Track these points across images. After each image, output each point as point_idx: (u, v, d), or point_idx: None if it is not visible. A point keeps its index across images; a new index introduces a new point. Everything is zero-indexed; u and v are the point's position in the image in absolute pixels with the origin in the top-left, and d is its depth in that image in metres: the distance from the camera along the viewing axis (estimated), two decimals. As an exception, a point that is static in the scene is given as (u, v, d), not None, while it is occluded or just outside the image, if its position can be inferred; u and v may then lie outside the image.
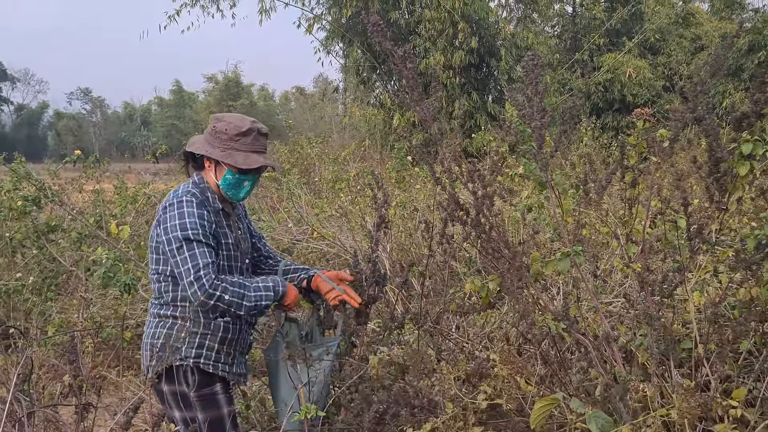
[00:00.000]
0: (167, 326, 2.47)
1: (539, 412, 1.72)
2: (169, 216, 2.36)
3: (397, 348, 2.66)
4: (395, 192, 6.82)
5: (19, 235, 5.00)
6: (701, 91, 2.30)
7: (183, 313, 2.46)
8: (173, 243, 2.33)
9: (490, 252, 2.41)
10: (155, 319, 2.51)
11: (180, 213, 2.35)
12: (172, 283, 2.45)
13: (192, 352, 2.44)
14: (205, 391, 2.44)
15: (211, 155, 2.47)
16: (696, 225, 2.30)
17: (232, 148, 2.47)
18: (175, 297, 2.46)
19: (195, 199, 2.41)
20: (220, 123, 2.50)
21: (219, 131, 2.49)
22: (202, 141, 2.55)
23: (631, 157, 2.41)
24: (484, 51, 14.59)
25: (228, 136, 2.47)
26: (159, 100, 59.19)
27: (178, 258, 2.31)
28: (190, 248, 2.31)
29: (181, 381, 2.42)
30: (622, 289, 3.35)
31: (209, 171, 2.53)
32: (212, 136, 2.50)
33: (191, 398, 2.41)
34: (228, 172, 2.49)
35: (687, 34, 20.23)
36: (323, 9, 15.81)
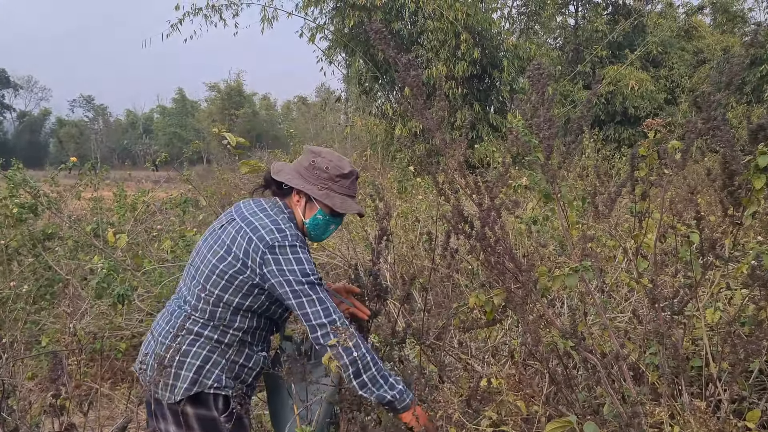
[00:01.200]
0: (207, 348, 2.29)
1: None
2: (284, 260, 2.18)
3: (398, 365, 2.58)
4: (397, 202, 6.75)
5: (14, 243, 4.93)
6: (715, 101, 2.23)
7: (231, 340, 2.30)
8: (296, 286, 2.16)
9: (494, 265, 2.33)
10: (191, 336, 2.29)
11: (297, 259, 2.18)
12: (232, 312, 2.28)
13: (231, 383, 2.30)
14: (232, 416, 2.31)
15: (309, 192, 2.33)
16: (708, 240, 2.23)
17: (329, 189, 2.34)
18: (230, 325, 2.29)
19: (304, 244, 2.27)
20: (320, 159, 2.36)
21: (318, 167, 2.34)
22: (294, 173, 2.38)
23: (641, 169, 2.34)
24: (487, 62, 14.60)
25: (328, 175, 2.34)
26: (161, 109, 59.31)
27: (304, 299, 2.15)
28: (317, 291, 2.17)
29: (210, 407, 2.27)
30: (628, 304, 3.27)
31: (297, 206, 2.38)
32: (309, 171, 2.35)
33: (220, 423, 2.27)
34: (319, 212, 2.36)
35: (689, 47, 20.27)
36: (326, 19, 15.84)
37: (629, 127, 17.96)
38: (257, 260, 2.19)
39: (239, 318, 2.29)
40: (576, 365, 2.43)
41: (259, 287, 2.25)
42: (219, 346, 2.29)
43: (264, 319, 2.37)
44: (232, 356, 2.31)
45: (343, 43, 15.61)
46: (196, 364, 2.25)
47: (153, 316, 4.37)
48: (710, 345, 2.25)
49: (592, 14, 20.47)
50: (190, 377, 2.24)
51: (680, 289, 2.34)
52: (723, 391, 2.22)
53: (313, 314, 2.14)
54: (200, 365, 2.25)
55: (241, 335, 2.31)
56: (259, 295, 2.27)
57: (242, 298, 2.26)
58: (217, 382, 2.27)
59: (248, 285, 2.24)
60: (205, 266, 2.30)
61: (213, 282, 2.26)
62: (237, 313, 2.28)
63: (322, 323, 2.14)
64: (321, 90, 40.22)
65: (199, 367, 2.25)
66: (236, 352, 2.32)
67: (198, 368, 2.25)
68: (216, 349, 2.29)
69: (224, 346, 2.30)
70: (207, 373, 2.26)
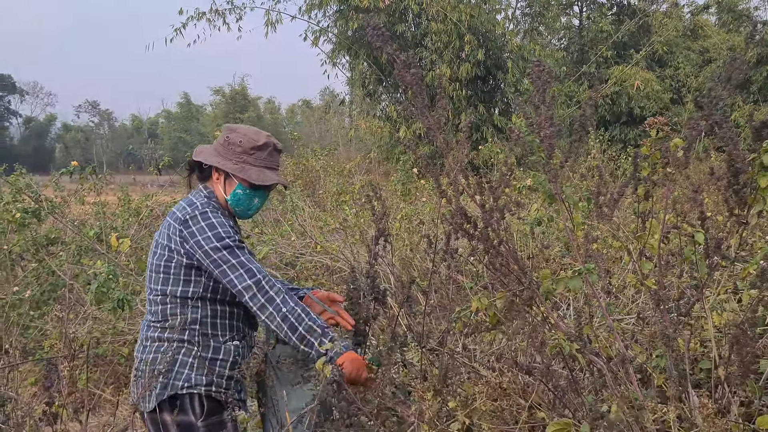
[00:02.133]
0: (171, 350, 2.28)
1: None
2: (197, 229, 2.20)
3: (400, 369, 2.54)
4: (401, 205, 6.73)
5: (17, 248, 4.92)
6: (717, 98, 2.19)
7: (191, 336, 2.28)
8: (214, 254, 2.17)
9: (497, 267, 2.30)
10: (155, 343, 2.31)
11: (209, 224, 2.20)
12: (180, 304, 2.28)
13: (202, 379, 2.27)
14: (213, 420, 2.26)
15: (224, 167, 2.33)
16: (714, 240, 2.19)
17: (245, 162, 2.35)
18: (183, 320, 2.27)
19: (219, 210, 2.30)
20: (234, 134, 2.37)
21: (232, 143, 2.35)
22: (211, 151, 2.39)
23: (644, 169, 2.30)
24: (491, 63, 14.57)
25: (242, 149, 2.34)
26: (166, 113, 59.48)
27: (225, 266, 2.15)
28: (236, 255, 2.17)
29: (187, 410, 2.24)
30: (634, 306, 3.23)
31: (218, 184, 2.39)
32: (224, 147, 2.36)
33: (199, 428, 2.24)
34: (239, 187, 2.36)
35: (695, 46, 20.21)
36: (329, 22, 15.84)
37: (635, 128, 17.89)
38: (178, 240, 2.23)
39: (190, 310, 2.28)
40: (582, 368, 2.40)
41: (193, 268, 2.26)
42: (183, 346, 2.29)
43: (218, 306, 2.34)
44: (198, 353, 2.29)
45: (346, 46, 15.61)
46: (162, 369, 2.24)
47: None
48: (718, 347, 2.22)
49: (596, 15, 20.42)
50: (160, 382, 2.23)
51: (686, 291, 2.31)
52: (732, 393, 2.18)
53: (237, 279, 2.15)
54: (166, 369, 2.25)
55: (200, 328, 2.30)
56: (198, 277, 2.27)
57: (184, 285, 2.27)
58: (187, 382, 2.26)
59: (183, 269, 2.26)
60: (148, 270, 2.36)
61: (154, 280, 2.31)
62: (186, 305, 2.28)
63: (247, 286, 2.14)
64: (325, 93, 40.28)
65: (167, 371, 2.25)
66: (202, 347, 2.30)
67: (166, 372, 2.25)
68: (180, 349, 2.29)
69: (188, 344, 2.29)
70: (176, 374, 2.26)
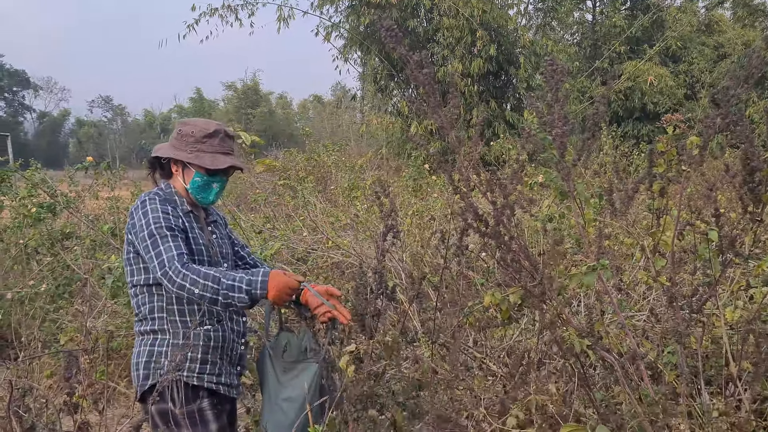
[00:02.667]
0: (149, 343, 2.40)
1: (565, 437, 1.62)
2: (137, 218, 2.32)
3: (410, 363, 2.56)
4: (412, 201, 6.73)
5: (33, 242, 4.98)
6: (733, 96, 2.18)
7: (161, 325, 2.38)
8: (143, 242, 2.27)
9: (509, 264, 2.31)
10: (138, 337, 2.44)
11: (144, 212, 2.31)
12: (147, 293, 2.39)
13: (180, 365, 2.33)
14: (192, 407, 2.34)
15: (179, 157, 2.44)
16: (728, 237, 2.18)
17: (199, 150, 2.45)
18: (151, 309, 2.39)
19: (158, 197, 2.38)
20: (186, 126, 2.49)
21: (185, 134, 2.47)
22: (167, 147, 2.52)
23: (659, 166, 2.30)
24: (503, 59, 14.51)
25: (195, 138, 2.45)
26: (179, 108, 59.68)
27: (150, 254, 2.24)
28: (155, 243, 2.24)
29: (166, 398, 2.30)
30: (646, 303, 3.22)
31: (177, 176, 2.50)
32: (178, 140, 2.48)
33: (178, 416, 2.29)
34: (196, 174, 2.46)
35: (709, 41, 20.01)
36: (341, 17, 15.83)
37: (648, 123, 17.76)
38: (127, 230, 2.39)
39: (156, 298, 2.39)
40: (592, 364, 2.40)
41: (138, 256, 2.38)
42: (157, 337, 2.40)
43: None
44: (171, 341, 2.38)
45: (358, 41, 15.60)
46: (143, 362, 2.39)
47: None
48: (730, 344, 2.21)
49: (610, 9, 20.26)
50: (142, 374, 2.37)
51: (699, 288, 2.30)
52: (744, 390, 2.18)
53: (153, 269, 2.24)
54: (147, 360, 2.38)
55: (168, 316, 2.39)
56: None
57: (145, 272, 2.39)
58: (162, 370, 2.34)
59: (138, 257, 2.38)
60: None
61: (125, 273, 2.45)
62: (151, 293, 2.39)
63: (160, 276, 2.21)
64: (336, 88, 40.26)
65: (146, 363, 2.38)
66: (173, 335, 2.39)
67: (146, 364, 2.38)
68: (155, 341, 2.40)
69: (160, 335, 2.40)
70: (155, 365, 2.36)
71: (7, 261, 5.16)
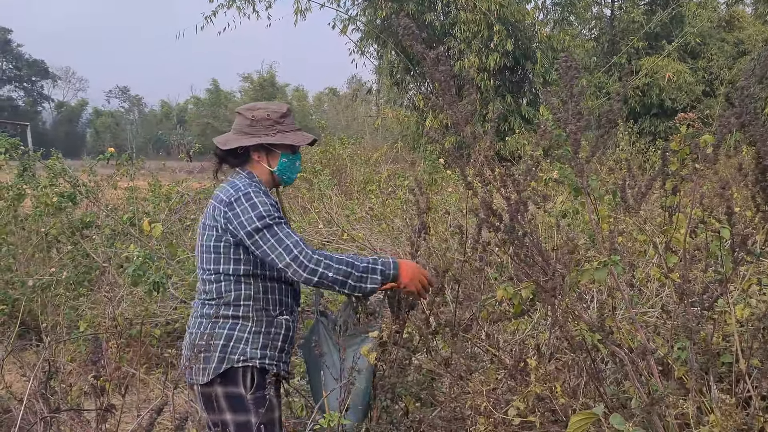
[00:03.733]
0: (227, 326, 2.38)
1: (577, 425, 1.66)
2: (240, 210, 2.29)
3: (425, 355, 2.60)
4: (427, 195, 6.75)
5: (54, 231, 5.07)
6: (748, 96, 2.20)
7: (246, 312, 2.39)
8: (255, 234, 2.26)
9: (522, 259, 2.34)
10: (212, 320, 2.41)
11: (252, 204, 2.29)
12: (234, 281, 2.39)
13: (257, 353, 2.38)
14: (260, 394, 2.36)
15: (265, 142, 2.43)
16: (740, 235, 2.21)
17: (280, 132, 2.45)
18: (237, 296, 2.39)
19: (259, 188, 2.39)
20: (257, 111, 2.46)
21: (260, 119, 2.44)
22: (240, 136, 2.47)
23: (672, 164, 2.32)
24: (520, 54, 14.47)
25: (272, 120, 2.45)
26: (195, 99, 59.97)
27: (265, 247, 2.25)
28: (274, 232, 2.26)
29: (238, 382, 2.35)
30: (658, 299, 3.25)
31: (260, 162, 2.48)
32: (252, 126, 2.44)
33: (247, 401, 2.34)
34: (283, 156, 2.48)
35: (729, 38, 19.77)
36: (358, 10, 15.85)
37: (665, 120, 17.63)
38: (223, 221, 2.33)
39: (243, 287, 2.39)
40: (604, 359, 2.43)
41: (240, 246, 2.36)
42: (238, 322, 2.40)
43: (268, 283, 2.44)
44: (253, 328, 2.40)
45: (375, 35, 15.62)
46: (220, 344, 2.36)
47: (187, 304, 4.47)
48: (740, 341, 2.23)
49: (628, 4, 20.09)
50: (217, 356, 2.35)
51: (710, 285, 2.32)
52: (753, 387, 2.20)
53: (277, 258, 2.24)
54: (224, 344, 2.37)
55: (254, 304, 2.40)
56: (246, 255, 2.37)
57: (234, 263, 2.38)
58: (243, 355, 2.36)
59: (231, 248, 2.36)
60: (199, 252, 2.46)
61: (206, 260, 2.41)
62: (239, 282, 2.39)
63: (287, 263, 2.23)
64: (352, 81, 40.27)
65: (224, 346, 2.36)
66: (256, 322, 2.41)
67: (223, 347, 2.36)
68: (236, 325, 2.39)
69: (242, 321, 2.40)
70: (232, 349, 2.36)
71: (28, 249, 5.26)
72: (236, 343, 2.37)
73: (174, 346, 4.13)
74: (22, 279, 4.89)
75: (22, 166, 5.37)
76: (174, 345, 4.17)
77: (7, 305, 4.66)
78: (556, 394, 1.94)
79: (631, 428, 1.60)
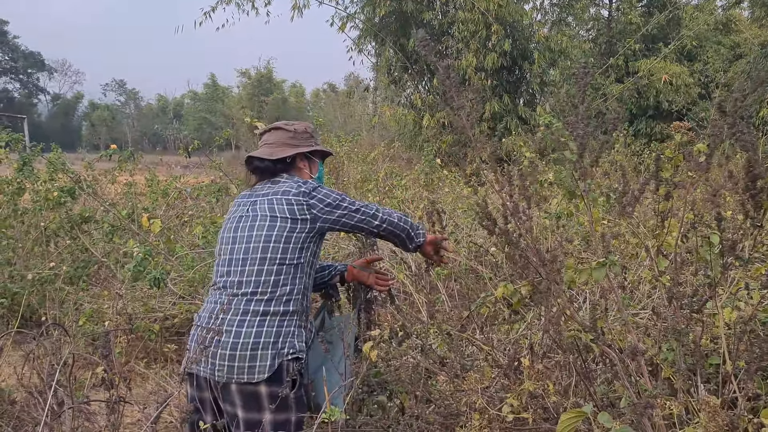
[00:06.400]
0: (275, 324, 2.40)
1: (566, 423, 1.71)
2: (323, 195, 2.57)
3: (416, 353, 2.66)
4: (423, 194, 6.82)
5: (53, 225, 5.11)
6: (742, 107, 2.26)
7: (295, 306, 2.44)
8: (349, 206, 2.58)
9: (517, 260, 2.40)
10: (258, 316, 2.40)
11: (329, 190, 2.61)
12: (292, 274, 2.45)
13: (304, 345, 2.46)
14: (299, 393, 2.42)
15: (314, 149, 2.78)
16: (729, 241, 2.27)
17: (316, 144, 2.82)
18: (291, 290, 2.44)
19: None
20: (298, 125, 2.81)
21: (301, 132, 2.78)
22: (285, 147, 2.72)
23: (665, 170, 2.39)
24: (517, 54, 14.53)
25: (309, 134, 2.79)
26: (192, 94, 59.82)
27: (360, 210, 2.60)
28: (355, 204, 2.61)
29: (283, 381, 2.36)
30: (649, 301, 3.31)
31: (303, 169, 2.76)
32: (296, 138, 2.75)
33: (290, 400, 2.37)
34: (320, 164, 2.85)
35: (726, 41, 19.87)
36: (356, 8, 15.87)
37: (661, 121, 17.73)
38: (304, 209, 2.52)
39: (298, 280, 2.47)
40: (595, 359, 2.50)
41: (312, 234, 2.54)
42: (285, 318, 2.42)
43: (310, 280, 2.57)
44: (298, 322, 2.46)
45: (373, 33, 15.65)
46: (269, 342, 2.37)
47: (185, 300, 4.51)
48: (728, 343, 2.30)
49: (626, 6, 20.17)
50: (269, 354, 2.35)
51: (699, 288, 2.39)
52: (739, 389, 2.27)
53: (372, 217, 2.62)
54: (273, 341, 2.38)
55: (302, 298, 2.48)
56: (309, 243, 2.54)
57: (299, 252, 2.50)
58: (292, 348, 2.40)
59: (303, 238, 2.51)
60: (259, 242, 2.47)
61: (273, 249, 2.46)
62: (296, 275, 2.47)
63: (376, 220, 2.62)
64: (349, 78, 40.26)
65: (273, 343, 2.37)
66: (299, 315, 2.47)
67: (273, 344, 2.37)
68: (283, 321, 2.42)
69: (289, 316, 2.43)
70: (282, 344, 2.39)
71: (27, 243, 5.30)
72: (284, 338, 2.40)
73: (173, 341, 4.18)
74: (21, 272, 4.92)
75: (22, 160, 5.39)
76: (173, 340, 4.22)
77: (6, 298, 4.69)
78: (548, 393, 2.00)
79: (618, 426, 1.66)
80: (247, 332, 2.37)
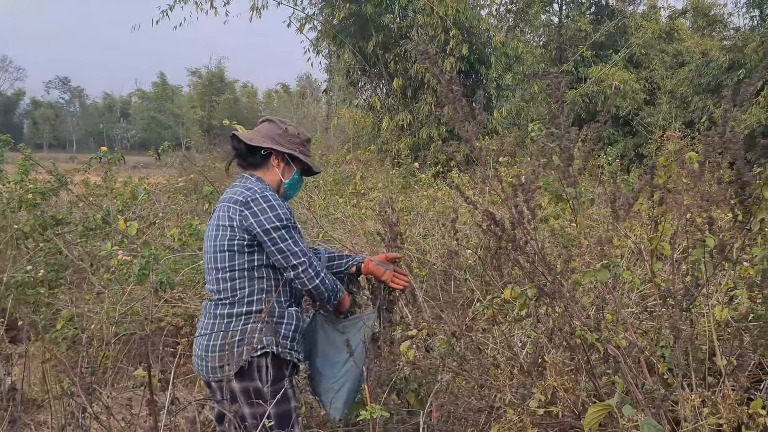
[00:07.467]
0: (241, 324, 2.50)
1: (593, 416, 1.83)
2: (258, 210, 2.45)
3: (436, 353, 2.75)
4: (399, 198, 6.92)
5: (27, 228, 5.00)
6: (728, 119, 2.44)
7: (259, 306, 2.49)
8: (273, 233, 2.44)
9: (522, 265, 2.51)
10: (224, 319, 2.52)
11: (270, 206, 2.46)
12: (248, 277, 2.50)
13: (271, 339, 2.48)
14: (278, 386, 2.46)
15: (295, 153, 2.65)
16: (719, 243, 2.44)
17: (302, 153, 2.68)
18: (251, 291, 2.50)
19: (275, 194, 2.56)
20: (291, 127, 2.69)
21: (292, 134, 2.67)
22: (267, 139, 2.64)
23: (660, 177, 2.54)
24: (474, 58, 14.76)
25: (300, 140, 2.69)
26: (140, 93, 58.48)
27: (281, 244, 2.45)
28: (291, 235, 2.46)
29: (254, 376, 2.44)
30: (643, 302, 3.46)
31: (274, 169, 2.65)
32: (283, 137, 2.65)
33: (264, 393, 2.42)
34: (296, 173, 2.69)
35: (669, 49, 20.67)
36: (315, 9, 15.86)
37: (609, 127, 18.31)
38: (239, 219, 2.48)
39: (256, 282, 2.52)
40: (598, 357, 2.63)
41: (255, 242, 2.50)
42: (250, 317, 2.51)
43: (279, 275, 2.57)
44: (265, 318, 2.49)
45: (332, 35, 15.66)
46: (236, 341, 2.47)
47: (169, 303, 4.49)
48: (719, 340, 2.46)
49: (575, 13, 20.77)
50: (236, 352, 2.45)
51: (689, 288, 2.55)
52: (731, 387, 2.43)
53: (292, 256, 2.46)
54: (240, 339, 2.48)
55: (266, 297, 2.53)
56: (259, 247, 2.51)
57: (249, 256, 2.52)
58: (260, 344, 2.47)
59: (245, 244, 2.50)
60: (212, 253, 2.57)
61: (220, 259, 2.53)
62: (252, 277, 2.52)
63: (294, 265, 2.47)
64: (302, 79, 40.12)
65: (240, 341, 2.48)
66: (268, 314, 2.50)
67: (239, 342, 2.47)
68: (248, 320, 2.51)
69: (254, 315, 2.51)
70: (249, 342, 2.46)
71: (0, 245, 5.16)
72: (250, 335, 2.47)
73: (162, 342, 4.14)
74: (-6, 276, 4.79)
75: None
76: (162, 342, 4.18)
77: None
78: (572, 388, 2.12)
79: (643, 417, 1.79)
80: (216, 335, 2.52)
